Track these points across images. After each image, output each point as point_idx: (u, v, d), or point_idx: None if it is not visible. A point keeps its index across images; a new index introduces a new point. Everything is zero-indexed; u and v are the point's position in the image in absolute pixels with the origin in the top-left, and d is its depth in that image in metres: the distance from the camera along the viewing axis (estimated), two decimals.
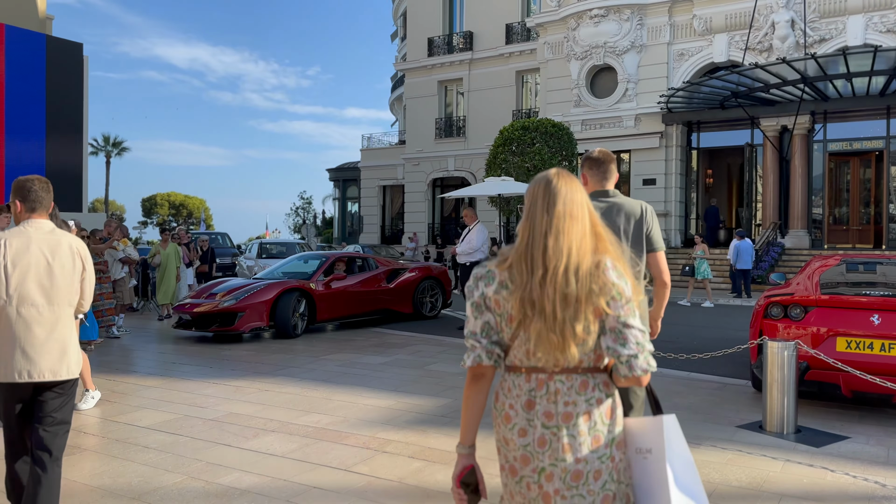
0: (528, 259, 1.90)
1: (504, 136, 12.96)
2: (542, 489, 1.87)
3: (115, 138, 56.47)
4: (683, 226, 23.97)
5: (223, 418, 5.66)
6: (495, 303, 1.94)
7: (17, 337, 3.09)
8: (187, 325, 10.08)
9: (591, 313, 1.87)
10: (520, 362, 1.93)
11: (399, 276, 11.98)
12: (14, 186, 3.31)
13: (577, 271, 1.87)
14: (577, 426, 1.87)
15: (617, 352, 1.87)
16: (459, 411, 5.65)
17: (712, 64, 22.63)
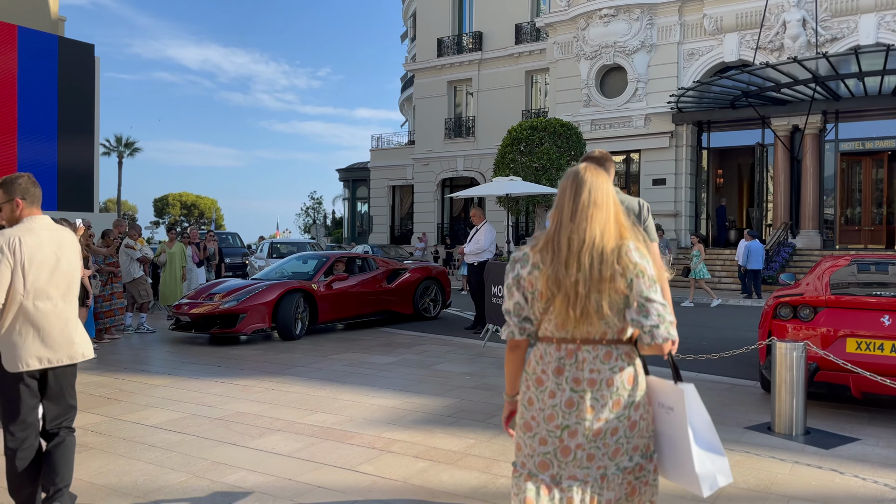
0: (556, 242, 2.15)
1: (512, 135, 12.92)
2: (563, 443, 2.14)
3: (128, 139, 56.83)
4: (694, 226, 23.84)
5: (229, 417, 5.66)
6: (528, 283, 2.19)
7: (36, 329, 3.33)
8: (186, 326, 9.83)
9: (613, 291, 2.10)
10: (551, 333, 2.18)
11: (399, 276, 11.79)
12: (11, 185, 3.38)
13: (602, 254, 2.11)
14: (601, 391, 2.13)
15: (640, 323, 2.10)
16: (465, 412, 5.66)
17: (723, 63, 22.49)
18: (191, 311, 9.69)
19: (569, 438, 2.14)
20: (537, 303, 2.18)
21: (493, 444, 4.92)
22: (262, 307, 9.58)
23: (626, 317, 2.14)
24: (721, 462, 2.21)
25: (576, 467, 2.14)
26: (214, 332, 9.54)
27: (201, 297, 10.03)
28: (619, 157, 24.63)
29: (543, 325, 2.20)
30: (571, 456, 2.14)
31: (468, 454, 4.70)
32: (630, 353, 2.20)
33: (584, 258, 2.10)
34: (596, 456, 2.14)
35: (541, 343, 2.23)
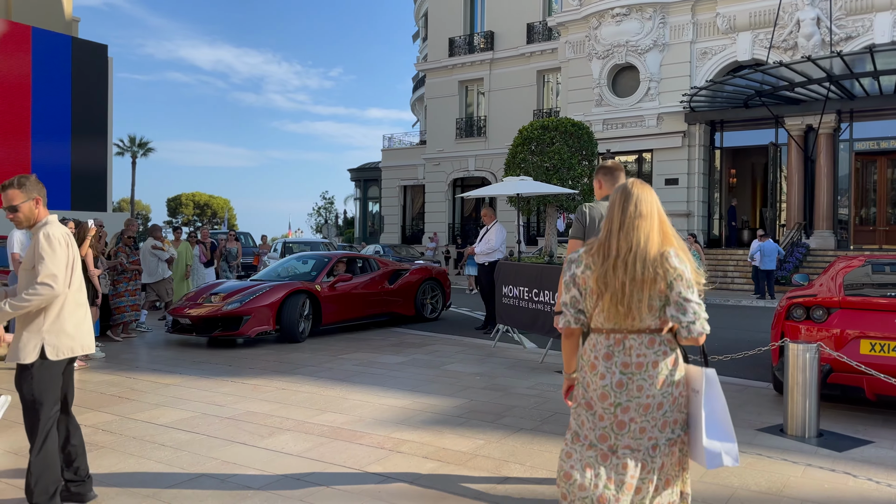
0: (606, 248, 2.51)
1: (523, 135, 12.87)
2: (618, 418, 2.50)
3: (141, 139, 57.21)
4: (706, 226, 23.71)
5: (240, 416, 5.68)
6: (582, 280, 2.58)
7: (73, 319, 3.63)
8: (186, 329, 9.46)
9: (655, 291, 2.45)
10: (601, 325, 2.55)
11: (400, 277, 11.49)
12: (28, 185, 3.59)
13: (645, 259, 2.44)
14: (647, 371, 2.49)
15: (679, 319, 2.47)
16: (475, 412, 5.65)
17: (736, 63, 22.36)
18: (191, 313, 9.32)
19: (622, 414, 2.50)
20: (589, 298, 2.57)
21: (503, 445, 4.91)
22: (266, 309, 9.27)
23: (667, 313, 2.49)
24: (730, 445, 2.52)
25: (630, 438, 2.50)
26: (217, 335, 9.21)
27: (200, 299, 9.69)
28: (631, 156, 24.54)
29: (595, 318, 2.57)
30: (626, 429, 2.50)
31: (478, 455, 4.68)
32: (671, 339, 2.55)
33: (630, 262, 2.46)
34: (647, 429, 2.50)
35: (593, 334, 2.61)
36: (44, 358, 3.51)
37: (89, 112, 18.01)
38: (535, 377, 7.20)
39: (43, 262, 3.46)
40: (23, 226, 3.62)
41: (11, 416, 5.64)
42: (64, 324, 3.56)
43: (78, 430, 3.86)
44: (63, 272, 3.51)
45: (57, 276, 3.47)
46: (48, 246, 3.47)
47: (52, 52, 17.07)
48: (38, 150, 16.68)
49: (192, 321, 9.30)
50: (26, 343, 3.50)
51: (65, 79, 17.37)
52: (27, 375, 3.52)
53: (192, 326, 9.36)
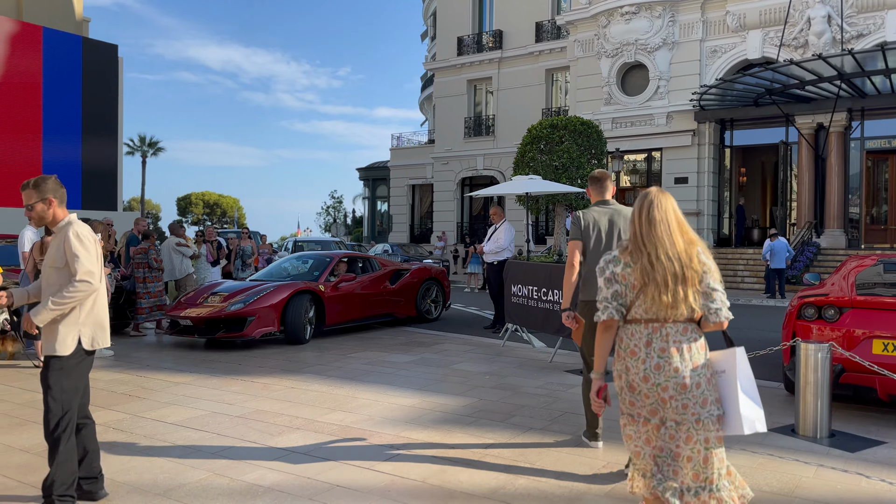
0: (638, 248, 2.84)
1: (532, 134, 12.84)
2: (660, 396, 2.79)
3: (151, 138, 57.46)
4: (716, 225, 23.60)
5: (249, 415, 5.69)
6: (622, 277, 2.88)
7: (100, 312, 3.80)
8: (186, 330, 9.10)
9: (691, 284, 2.77)
10: (640, 316, 2.85)
11: (401, 277, 11.21)
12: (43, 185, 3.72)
13: (678, 257, 2.78)
14: (683, 355, 2.79)
15: (707, 307, 2.80)
16: (484, 412, 5.64)
17: (746, 61, 22.23)
18: (192, 314, 8.98)
19: (663, 392, 2.80)
20: (629, 292, 2.87)
21: (513, 445, 4.90)
22: (270, 310, 8.96)
23: (699, 301, 2.80)
24: (760, 413, 2.84)
25: (674, 413, 2.79)
26: (221, 337, 8.92)
27: (200, 299, 9.36)
28: (641, 155, 24.46)
29: (633, 311, 2.87)
30: (669, 405, 2.79)
31: (487, 454, 4.67)
32: (697, 327, 2.86)
33: (664, 259, 2.78)
34: (689, 405, 2.78)
35: (629, 325, 2.90)
36: (80, 349, 3.69)
37: (100, 111, 18.11)
38: (544, 376, 7.19)
39: (78, 259, 3.62)
40: (37, 224, 3.78)
41: (25, 414, 5.68)
42: (98, 316, 3.77)
43: (93, 429, 3.94)
44: (96, 267, 3.71)
45: (94, 273, 3.68)
46: (80, 245, 3.65)
47: (63, 52, 17.18)
48: (50, 149, 16.79)
49: (194, 322, 8.97)
50: (65, 336, 3.65)
51: (75, 78, 17.47)
52: (60, 367, 3.66)
53: (193, 328, 9.04)
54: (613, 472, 4.35)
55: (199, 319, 8.92)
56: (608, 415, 5.12)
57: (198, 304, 9.26)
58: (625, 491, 4.01)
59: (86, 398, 3.88)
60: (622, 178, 24.51)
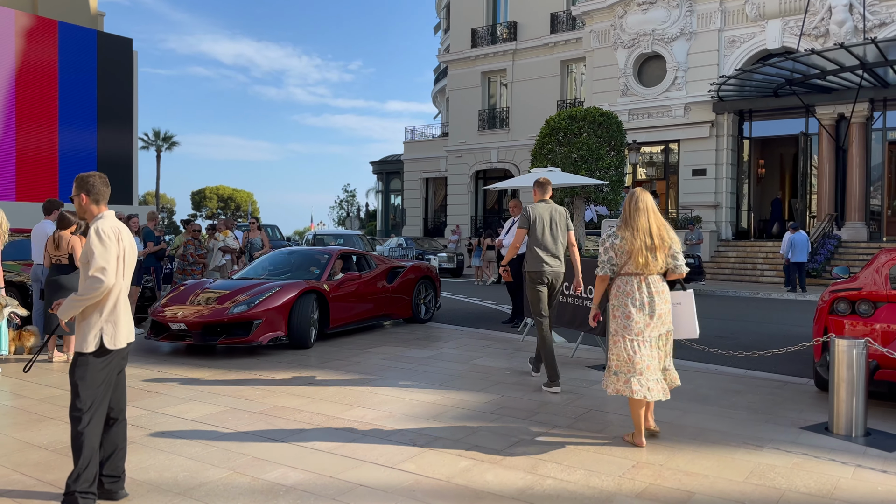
0: (627, 227, 4.57)
1: (550, 125, 12.65)
2: (646, 321, 4.53)
3: (165, 133, 57.70)
4: (735, 217, 23.31)
5: (269, 411, 5.61)
6: (618, 246, 4.60)
7: (125, 309, 3.78)
8: (177, 336, 8.07)
9: (661, 251, 4.53)
10: (631, 270, 4.58)
11: (398, 275, 10.42)
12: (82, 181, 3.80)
13: (652, 233, 4.52)
14: (661, 296, 4.58)
15: (674, 264, 4.59)
16: (507, 409, 5.53)
17: (765, 51, 21.91)
18: (188, 318, 7.94)
19: (648, 319, 4.58)
20: (622, 256, 4.62)
21: (538, 444, 4.78)
22: (278, 311, 8.08)
23: (667, 262, 4.63)
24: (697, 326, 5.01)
25: (653, 330, 4.60)
26: (222, 343, 7.92)
27: (189, 299, 8.39)
28: (658, 147, 24.19)
29: (625, 268, 4.63)
30: (652, 326, 4.59)
31: (513, 453, 4.56)
32: (664, 278, 4.70)
33: (646, 234, 4.54)
34: (659, 326, 4.62)
35: (624, 276, 4.66)
36: (102, 347, 3.65)
37: (115, 105, 18.10)
38: (566, 372, 7.06)
39: (93, 256, 3.62)
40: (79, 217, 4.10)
41: (43, 411, 5.62)
42: (119, 314, 3.72)
43: (124, 426, 3.91)
44: (112, 264, 3.64)
45: (106, 269, 3.61)
46: (98, 240, 3.64)
47: (78, 46, 17.17)
48: (65, 142, 16.81)
49: (189, 327, 7.90)
50: (86, 333, 3.66)
51: (90, 72, 17.47)
52: (83, 363, 3.66)
53: (187, 333, 7.98)
54: (643, 472, 4.23)
55: (196, 323, 7.88)
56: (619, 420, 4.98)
57: (188, 304, 8.28)
58: (658, 492, 3.89)
59: (120, 395, 3.86)
60: (638, 170, 24.25)
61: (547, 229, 6.39)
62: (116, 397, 3.84)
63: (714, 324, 11.40)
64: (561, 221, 6.48)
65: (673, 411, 5.58)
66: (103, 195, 3.81)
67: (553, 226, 6.42)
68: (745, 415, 5.53)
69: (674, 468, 4.29)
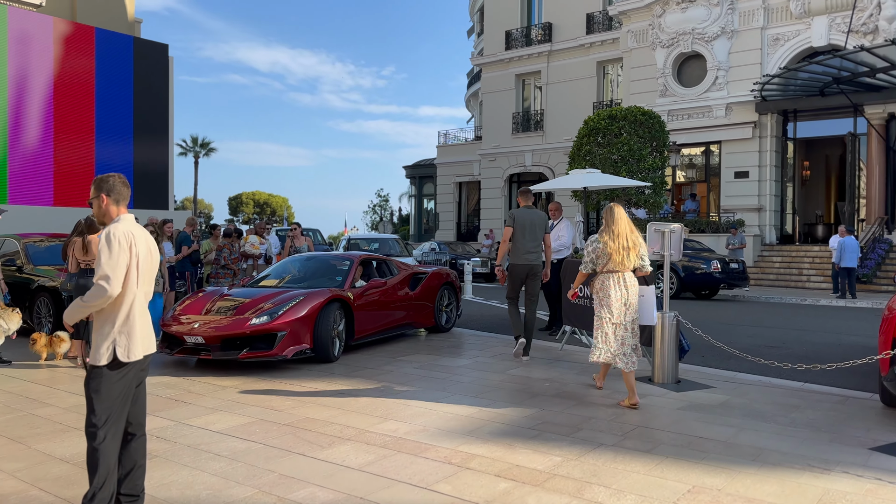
0: (611, 232, 5.90)
1: (589, 126, 12.26)
2: (623, 310, 5.92)
3: (203, 139, 58.33)
4: (779, 221, 22.56)
5: (298, 423, 5.37)
6: (601, 249, 5.92)
7: (142, 319, 3.54)
8: (193, 349, 7.50)
9: (633, 251, 5.89)
10: (611, 268, 5.91)
11: (420, 281, 9.81)
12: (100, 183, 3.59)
13: (627, 237, 5.89)
14: (633, 288, 5.97)
15: (641, 264, 6.01)
16: (548, 424, 5.21)
17: (811, 49, 21.19)
18: (206, 331, 7.38)
19: (625, 308, 5.90)
20: (603, 257, 5.87)
21: (583, 463, 4.44)
22: (303, 322, 7.51)
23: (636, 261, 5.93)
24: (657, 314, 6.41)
25: (626, 318, 5.93)
26: (244, 358, 7.28)
27: (205, 310, 7.83)
28: (698, 149, 23.57)
29: (606, 266, 5.89)
30: (626, 313, 5.92)
31: (555, 474, 4.23)
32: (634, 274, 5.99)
33: (623, 238, 5.83)
34: (632, 313, 5.95)
35: (605, 273, 5.94)
36: (116, 360, 3.43)
37: (151, 110, 18.19)
38: (609, 384, 6.70)
39: (99, 262, 3.42)
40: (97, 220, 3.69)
41: (69, 420, 5.47)
42: (134, 324, 3.50)
43: (144, 442, 3.67)
44: (116, 272, 3.39)
45: (110, 277, 3.38)
46: (106, 246, 3.43)
47: (115, 52, 17.29)
48: (102, 148, 16.93)
49: (207, 341, 7.34)
50: (99, 345, 3.45)
51: (127, 78, 17.58)
52: (97, 375, 3.45)
53: (204, 346, 7.41)
54: (701, 498, 3.87)
55: (214, 337, 7.32)
56: (670, 438, 4.62)
57: (204, 314, 7.72)
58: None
59: (139, 409, 3.63)
60: (678, 173, 23.65)
61: (528, 230, 7.78)
62: (135, 411, 3.61)
63: (764, 332, 10.90)
64: (539, 224, 7.88)
65: (727, 428, 5.20)
66: (123, 196, 3.61)
67: (533, 227, 7.82)
68: (807, 433, 5.12)
69: (734, 494, 3.93)
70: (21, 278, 9.83)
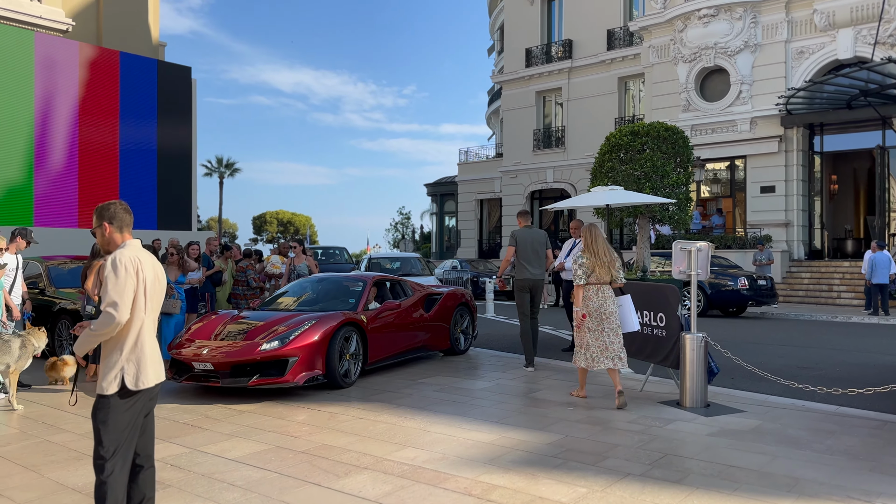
0: (592, 250, 6.76)
1: (611, 142, 12.07)
2: (600, 318, 6.68)
3: (228, 160, 59.02)
4: (807, 236, 22.11)
5: (314, 450, 5.24)
6: (586, 265, 6.69)
7: (151, 346, 3.46)
8: (200, 376, 7.22)
9: (611, 267, 6.71)
10: (594, 281, 6.69)
11: (435, 303, 9.51)
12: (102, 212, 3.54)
13: (607, 254, 6.74)
14: (610, 298, 6.73)
15: (616, 277, 6.77)
16: (572, 451, 5.01)
17: (836, 61, 20.84)
18: (215, 357, 7.09)
19: (602, 316, 6.67)
20: (588, 271, 6.65)
21: (609, 495, 4.25)
22: (315, 347, 7.23)
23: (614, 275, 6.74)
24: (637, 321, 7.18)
25: (605, 324, 6.68)
26: (254, 385, 6.99)
27: (213, 335, 7.56)
28: (723, 164, 23.24)
29: (591, 278, 6.66)
30: (606, 321, 6.68)
31: None
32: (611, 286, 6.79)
33: (603, 254, 6.70)
34: (611, 320, 6.69)
35: (589, 286, 6.68)
36: (124, 389, 3.34)
37: (175, 132, 18.35)
38: (636, 409, 6.49)
39: (106, 289, 3.34)
40: (102, 248, 3.60)
41: (83, 447, 5.39)
42: (143, 352, 3.42)
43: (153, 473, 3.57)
44: (126, 298, 3.32)
45: (118, 304, 3.31)
46: (113, 272, 3.36)
47: (139, 76, 17.49)
48: (126, 170, 17.08)
49: (216, 366, 7.06)
50: (106, 374, 3.37)
51: (151, 100, 17.76)
52: (104, 405, 3.35)
53: (213, 373, 7.12)
54: None
55: (224, 363, 7.04)
56: (700, 466, 4.41)
57: (213, 340, 7.47)
58: None
59: (147, 439, 3.54)
60: (702, 188, 23.32)
61: (529, 248, 8.56)
62: (143, 442, 3.51)
63: (795, 352, 10.59)
64: (539, 241, 8.66)
65: (760, 456, 4.97)
66: (126, 223, 3.55)
67: (534, 245, 8.59)
68: (844, 461, 4.88)
69: None
70: (43, 300, 9.86)
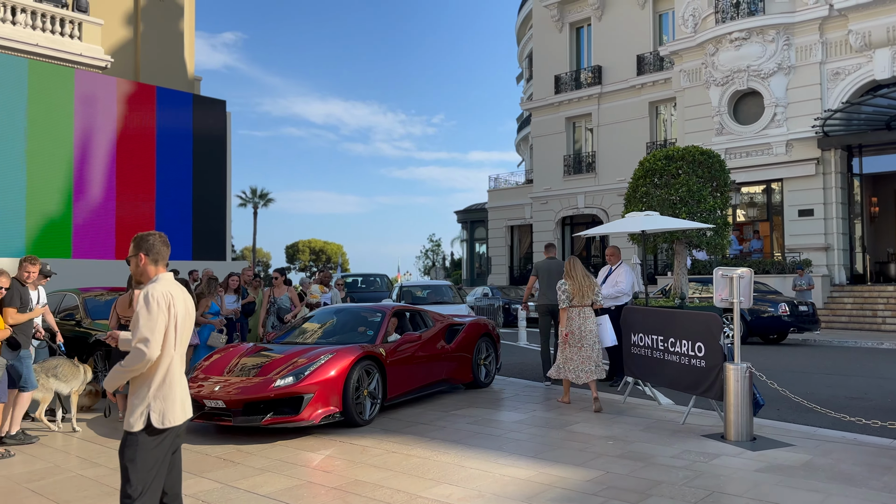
0: (570, 278, 8.11)
1: (645, 167, 11.90)
2: (582, 334, 7.97)
3: (262, 190, 59.96)
4: (848, 260, 21.52)
5: (347, 486, 5.12)
6: (568, 290, 8.05)
7: (179, 382, 3.41)
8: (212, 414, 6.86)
9: (589, 291, 8.06)
10: (576, 304, 8.02)
11: (457, 334, 9.22)
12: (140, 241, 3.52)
13: (586, 281, 8.09)
14: (590, 318, 8.05)
15: (595, 299, 8.13)
16: (613, 489, 4.82)
17: (874, 82, 20.43)
18: (228, 395, 6.75)
19: (583, 334, 7.97)
20: (570, 295, 8.02)
21: None
22: (331, 384, 6.91)
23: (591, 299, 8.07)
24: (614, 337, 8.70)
25: (586, 341, 7.95)
26: (267, 424, 6.65)
27: (226, 370, 7.30)
28: (759, 187, 22.84)
29: (572, 303, 8.00)
30: (585, 339, 7.95)
31: None
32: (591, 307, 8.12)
33: (581, 280, 8.04)
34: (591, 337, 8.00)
35: (572, 308, 8.01)
36: (150, 426, 3.28)
37: (210, 164, 18.63)
38: (678, 443, 6.25)
39: (137, 324, 3.30)
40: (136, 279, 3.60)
41: (117, 483, 5.34)
42: (172, 388, 3.37)
43: None
44: (155, 334, 3.28)
45: (149, 341, 3.27)
46: (145, 307, 3.32)
47: (175, 109, 17.84)
48: (162, 201, 17.34)
49: (228, 404, 6.71)
50: (132, 411, 3.32)
51: (186, 133, 18.08)
52: (132, 443, 3.29)
53: (225, 411, 6.78)
54: None
55: (236, 401, 6.71)
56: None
57: (225, 375, 7.20)
58: None
59: (175, 477, 3.48)
60: (738, 212, 22.91)
61: (549, 278, 9.72)
62: (171, 480, 3.45)
63: (842, 381, 10.20)
64: (556, 271, 9.63)
65: (813, 494, 4.72)
66: (162, 256, 3.52)
67: (553, 275, 9.64)
68: None
69: None
70: (79, 332, 9.95)
